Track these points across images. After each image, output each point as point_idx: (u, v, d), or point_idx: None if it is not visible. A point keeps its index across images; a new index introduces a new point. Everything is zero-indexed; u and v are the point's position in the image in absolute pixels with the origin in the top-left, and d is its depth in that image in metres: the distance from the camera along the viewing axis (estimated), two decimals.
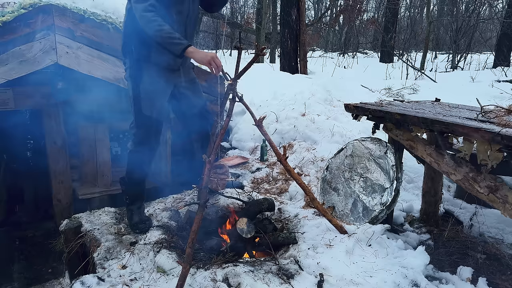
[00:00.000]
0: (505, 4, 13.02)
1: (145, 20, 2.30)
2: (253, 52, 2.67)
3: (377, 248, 2.42)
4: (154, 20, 2.29)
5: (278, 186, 3.71)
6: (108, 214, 2.98)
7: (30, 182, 4.35)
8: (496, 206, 2.21)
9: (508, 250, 2.80)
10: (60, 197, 3.86)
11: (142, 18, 2.31)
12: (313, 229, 2.67)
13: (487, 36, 16.09)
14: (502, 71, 8.68)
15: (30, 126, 4.08)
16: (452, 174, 2.44)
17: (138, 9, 2.33)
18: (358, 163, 3.03)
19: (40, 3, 2.99)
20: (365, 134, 3.88)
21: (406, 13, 18.29)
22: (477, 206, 3.30)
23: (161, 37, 2.31)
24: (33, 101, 3.45)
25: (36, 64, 3.04)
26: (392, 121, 2.79)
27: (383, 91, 6.68)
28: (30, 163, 4.30)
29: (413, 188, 3.69)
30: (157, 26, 2.29)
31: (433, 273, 2.45)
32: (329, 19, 17.29)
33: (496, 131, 2.02)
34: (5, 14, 2.84)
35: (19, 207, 4.47)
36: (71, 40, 3.16)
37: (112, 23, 3.31)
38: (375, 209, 2.73)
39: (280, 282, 2.15)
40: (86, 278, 2.27)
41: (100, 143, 3.99)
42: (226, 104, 2.65)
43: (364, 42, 17.70)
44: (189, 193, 3.35)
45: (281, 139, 4.54)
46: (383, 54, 12.31)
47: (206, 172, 2.27)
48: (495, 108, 2.49)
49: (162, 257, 2.34)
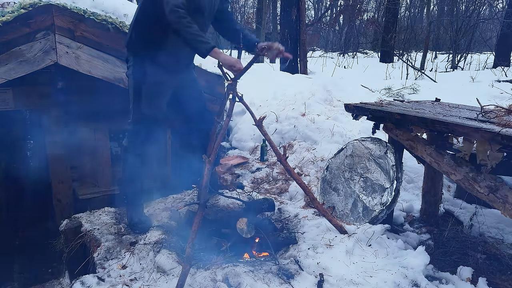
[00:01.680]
0: (505, 4, 13.03)
1: (176, 15, 2.28)
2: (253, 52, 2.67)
3: (377, 248, 2.42)
4: (185, 16, 2.29)
5: (278, 186, 3.71)
6: (108, 214, 2.98)
7: (30, 182, 4.35)
8: (496, 206, 2.21)
9: (508, 250, 2.80)
10: (60, 197, 3.85)
11: (173, 13, 2.29)
12: (313, 229, 2.67)
13: (487, 36, 16.09)
14: (502, 71, 8.68)
15: (30, 126, 4.07)
16: (452, 174, 2.44)
17: (170, 3, 2.32)
18: (358, 163, 3.03)
19: (40, 3, 2.98)
20: (365, 134, 3.88)
21: (406, 13, 18.28)
22: (477, 206, 3.30)
23: (191, 33, 2.29)
24: (33, 101, 3.45)
25: (36, 64, 3.04)
26: (392, 121, 2.79)
27: (383, 91, 6.68)
28: (30, 163, 4.30)
29: (413, 188, 3.69)
30: (187, 23, 2.29)
31: (433, 273, 2.44)
32: (329, 19, 17.30)
33: (496, 131, 2.02)
34: (5, 14, 2.84)
35: (19, 207, 4.47)
36: (71, 40, 3.16)
37: (112, 23, 3.30)
38: (375, 209, 2.73)
39: (280, 282, 2.15)
40: (86, 278, 2.27)
41: (100, 143, 3.99)
42: (226, 104, 2.65)
43: (364, 42, 17.69)
44: (189, 193, 3.35)
45: (281, 139, 4.54)
46: (383, 54, 12.31)
47: (206, 172, 2.27)
48: (495, 108, 2.50)
49: (162, 257, 2.34)
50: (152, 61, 2.56)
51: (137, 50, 2.58)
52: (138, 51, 2.58)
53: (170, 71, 2.64)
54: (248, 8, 21.43)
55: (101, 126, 3.95)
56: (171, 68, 2.63)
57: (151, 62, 2.56)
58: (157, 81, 2.59)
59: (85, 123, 3.81)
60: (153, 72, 2.57)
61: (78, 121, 3.73)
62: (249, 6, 21.37)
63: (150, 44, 2.53)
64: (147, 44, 2.54)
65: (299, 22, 7.65)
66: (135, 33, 2.58)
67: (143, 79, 2.57)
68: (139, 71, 2.57)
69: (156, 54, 2.55)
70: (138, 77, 2.57)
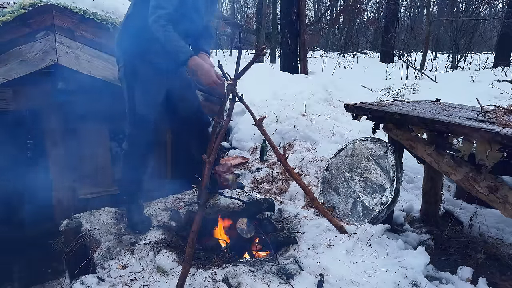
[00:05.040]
0: (505, 4, 13.00)
1: (158, 24, 2.32)
2: (253, 52, 2.67)
3: (377, 248, 2.42)
4: (165, 24, 2.31)
5: (278, 186, 3.71)
6: (108, 214, 2.98)
7: (30, 182, 4.35)
8: (496, 206, 2.21)
9: (508, 250, 2.80)
10: (60, 197, 3.86)
11: (155, 23, 2.32)
12: (313, 229, 2.67)
13: (487, 36, 16.07)
14: (502, 71, 8.67)
15: (30, 126, 4.07)
16: (452, 174, 2.44)
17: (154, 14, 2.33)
18: (358, 163, 3.03)
19: (40, 3, 2.98)
20: (365, 134, 3.88)
21: (406, 13, 18.28)
22: (477, 206, 3.30)
23: (170, 41, 2.33)
24: (33, 101, 3.45)
25: (36, 64, 3.04)
26: (392, 121, 2.79)
27: (383, 91, 6.68)
28: (30, 163, 4.30)
29: (413, 188, 3.69)
30: (167, 32, 2.31)
31: (433, 273, 2.44)
32: (329, 19, 17.29)
33: (496, 131, 2.02)
34: (5, 14, 2.84)
35: (19, 207, 4.46)
36: (71, 40, 3.16)
37: (112, 23, 3.30)
38: (375, 209, 2.73)
39: (280, 282, 2.15)
40: (86, 278, 2.27)
41: (100, 143, 3.99)
42: (226, 104, 2.65)
43: (364, 42, 17.69)
44: (189, 193, 3.35)
45: (281, 139, 4.54)
46: (383, 54, 12.30)
47: (206, 172, 2.27)
48: (495, 108, 2.50)
49: (162, 257, 2.34)
50: (143, 61, 2.55)
51: (128, 48, 2.57)
52: (129, 49, 2.56)
53: (162, 71, 2.63)
54: (248, 8, 21.41)
55: (101, 126, 3.95)
56: (163, 68, 2.62)
57: (143, 62, 2.55)
58: (149, 82, 2.58)
59: (85, 123, 3.81)
60: (145, 71, 2.56)
61: (78, 121, 3.73)
62: (249, 6, 21.36)
63: (142, 42, 2.51)
64: (138, 42, 2.52)
65: (299, 22, 7.65)
66: (127, 31, 2.58)
67: (136, 79, 2.56)
68: (130, 72, 2.57)
69: (147, 53, 2.53)
70: (130, 78, 2.57)
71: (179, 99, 2.82)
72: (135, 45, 2.53)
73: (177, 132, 3.27)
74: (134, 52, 2.55)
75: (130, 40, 2.55)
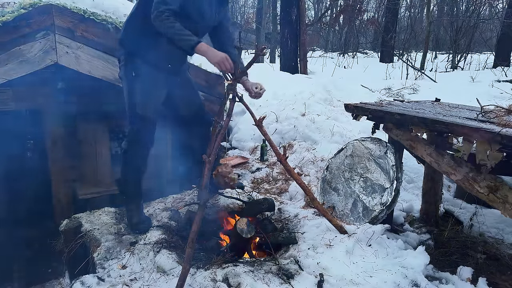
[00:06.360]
0: (505, 4, 13.02)
1: (160, 18, 2.31)
2: (253, 52, 2.67)
3: (377, 248, 2.42)
4: (167, 18, 2.31)
5: (278, 186, 3.71)
6: (108, 214, 2.98)
7: (30, 182, 4.35)
8: (496, 206, 2.21)
9: (508, 250, 2.80)
10: (60, 197, 3.85)
11: (157, 18, 2.32)
12: (313, 229, 2.67)
13: (487, 36, 16.07)
14: (502, 71, 8.68)
15: (30, 126, 4.07)
16: (452, 174, 2.44)
17: (157, 9, 2.33)
18: (358, 163, 3.03)
19: (40, 3, 2.98)
20: (365, 134, 3.88)
21: (406, 13, 18.28)
22: (477, 206, 3.30)
23: (173, 31, 2.31)
24: (33, 101, 3.45)
25: (36, 64, 3.04)
26: (392, 121, 2.79)
27: (383, 91, 6.68)
28: (30, 163, 4.30)
29: (413, 188, 3.69)
30: (170, 23, 2.30)
31: (433, 273, 2.45)
32: (329, 19, 17.30)
33: (496, 131, 2.02)
34: (5, 14, 2.84)
35: (19, 207, 4.46)
36: (71, 40, 3.16)
37: (112, 23, 3.30)
38: (375, 209, 2.73)
39: (280, 282, 2.15)
40: (86, 278, 2.27)
41: (100, 143, 3.99)
42: (226, 104, 2.65)
43: (364, 42, 17.69)
44: (189, 193, 3.35)
45: (281, 139, 4.54)
46: (383, 54, 12.31)
47: (206, 172, 2.27)
48: (495, 108, 2.49)
49: (162, 257, 2.34)
50: (145, 60, 2.54)
51: (131, 47, 2.56)
52: (132, 48, 2.56)
53: (164, 71, 2.63)
54: (248, 8, 21.42)
55: (101, 126, 3.95)
56: (164, 68, 2.62)
57: (144, 61, 2.55)
58: (150, 81, 2.57)
59: (85, 123, 3.81)
60: (146, 71, 2.55)
61: (78, 121, 3.73)
62: (249, 6, 21.37)
63: (144, 41, 2.51)
64: (141, 41, 2.52)
65: (299, 22, 7.66)
66: (130, 28, 2.58)
67: (137, 79, 2.56)
68: (131, 71, 2.56)
69: (149, 53, 2.53)
70: (131, 78, 2.57)
71: (180, 98, 2.82)
72: (137, 43, 2.53)
73: (178, 131, 3.26)
74: (135, 50, 2.55)
75: (133, 39, 2.55)
